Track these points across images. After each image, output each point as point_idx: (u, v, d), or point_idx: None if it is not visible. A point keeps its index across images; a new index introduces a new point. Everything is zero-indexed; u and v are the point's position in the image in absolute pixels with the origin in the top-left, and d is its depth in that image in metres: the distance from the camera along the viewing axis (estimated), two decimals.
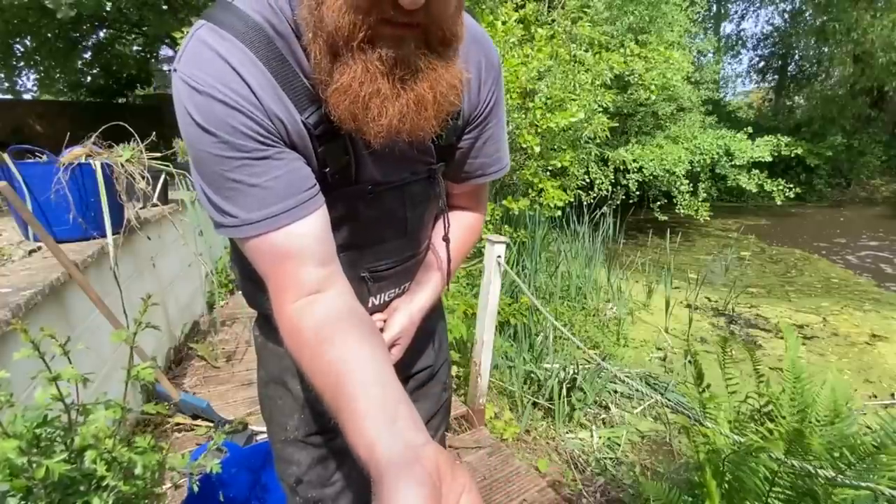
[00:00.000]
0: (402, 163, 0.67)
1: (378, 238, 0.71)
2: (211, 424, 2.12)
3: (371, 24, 0.46)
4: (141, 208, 2.57)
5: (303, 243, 0.56)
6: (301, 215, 0.56)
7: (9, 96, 10.07)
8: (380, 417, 0.44)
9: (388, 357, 0.54)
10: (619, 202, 6.81)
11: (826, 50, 13.66)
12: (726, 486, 1.11)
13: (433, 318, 0.90)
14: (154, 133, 2.03)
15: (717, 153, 7.95)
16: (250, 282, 0.76)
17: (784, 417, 1.18)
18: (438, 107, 0.52)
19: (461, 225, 0.83)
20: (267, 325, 0.81)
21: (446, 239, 0.78)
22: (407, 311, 0.77)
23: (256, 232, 0.55)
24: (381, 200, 0.67)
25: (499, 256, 2.09)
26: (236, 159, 0.53)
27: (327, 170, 0.61)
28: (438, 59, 0.51)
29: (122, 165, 1.87)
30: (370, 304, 0.75)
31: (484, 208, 0.88)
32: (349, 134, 0.59)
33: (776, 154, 8.70)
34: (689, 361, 3.27)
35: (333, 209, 0.62)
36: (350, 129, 0.52)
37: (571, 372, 2.70)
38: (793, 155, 9.19)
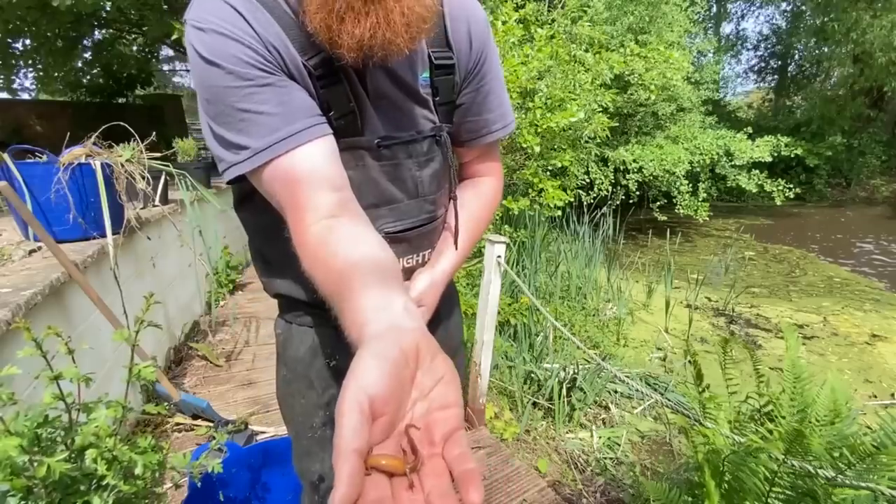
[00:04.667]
0: (405, 117, 0.70)
1: (390, 196, 0.72)
2: (211, 424, 2.12)
3: None
4: (141, 208, 2.57)
5: (313, 166, 0.59)
6: (307, 139, 0.59)
7: (8, 96, 10.06)
8: (372, 305, 0.45)
9: (396, 264, 0.55)
10: (619, 202, 6.82)
11: (826, 50, 13.64)
12: (726, 486, 1.11)
13: (442, 318, 0.90)
14: (154, 133, 2.03)
15: (717, 153, 7.94)
16: (266, 264, 0.79)
17: (784, 417, 1.18)
18: (408, 22, 0.55)
19: (479, 192, 0.85)
20: (289, 306, 0.82)
21: (453, 197, 0.80)
22: (428, 275, 0.78)
23: (268, 157, 0.58)
24: (390, 156, 0.70)
25: (499, 256, 2.09)
26: (242, 88, 0.56)
27: (331, 114, 0.63)
28: None
29: (122, 165, 1.87)
30: None
31: (499, 172, 0.89)
32: (350, 82, 0.63)
33: (776, 154, 8.69)
34: (689, 362, 3.27)
35: (345, 162, 0.64)
36: (325, 41, 0.56)
37: (571, 372, 2.69)
38: (793, 155, 9.19)
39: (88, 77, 10.91)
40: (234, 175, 0.60)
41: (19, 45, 8.76)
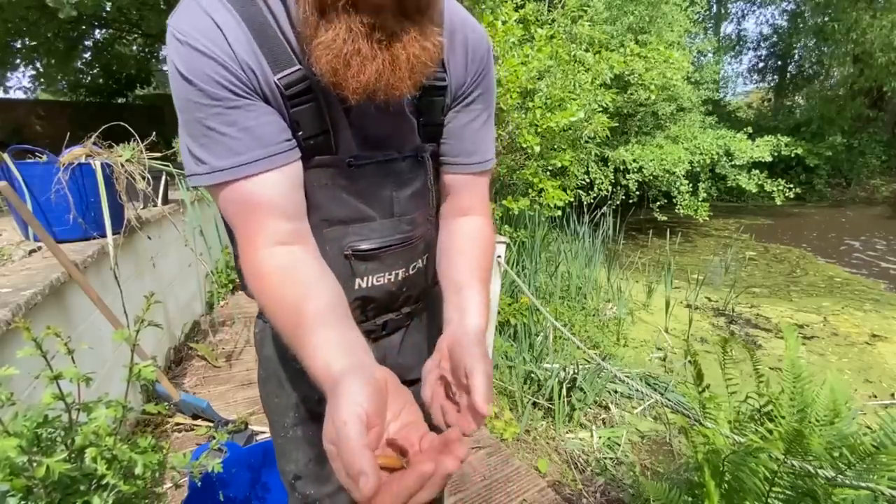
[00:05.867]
0: (386, 137, 0.69)
1: (362, 215, 0.71)
2: (211, 424, 2.12)
3: None
4: (141, 208, 2.57)
5: (270, 194, 0.59)
6: (268, 167, 0.59)
7: (9, 96, 10.07)
8: (335, 346, 0.51)
9: (343, 297, 0.59)
10: (619, 202, 6.82)
11: (826, 50, 13.64)
12: (726, 486, 1.11)
13: (430, 327, 0.89)
14: (154, 133, 2.03)
15: (717, 153, 7.95)
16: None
17: (784, 417, 1.18)
18: (412, 68, 0.56)
19: (467, 235, 0.78)
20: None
21: (432, 217, 0.79)
22: (480, 367, 0.59)
23: (224, 179, 0.58)
24: (363, 175, 0.68)
25: (499, 256, 2.10)
26: (211, 107, 0.56)
27: (300, 133, 0.62)
28: (413, 24, 0.55)
29: (122, 165, 1.87)
30: (356, 286, 0.74)
31: (488, 210, 0.83)
32: (327, 101, 0.62)
33: (776, 154, 8.70)
34: (689, 362, 3.27)
35: (314, 179, 0.65)
36: (330, 82, 0.56)
37: (571, 372, 2.69)
38: (793, 155, 9.19)
39: (88, 77, 10.91)
40: (194, 184, 0.61)
41: (18, 45, 8.75)
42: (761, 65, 16.97)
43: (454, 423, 0.57)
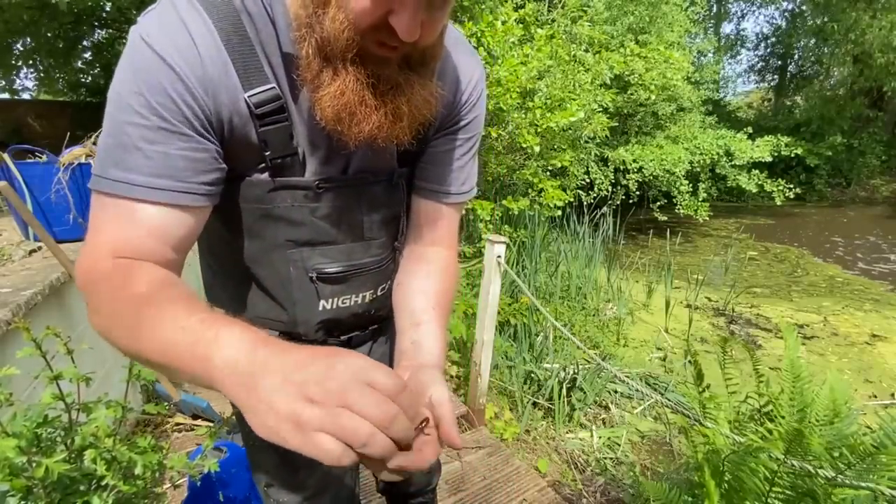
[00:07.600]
0: (360, 161, 0.67)
1: (329, 237, 0.69)
2: (211, 424, 2.12)
3: (365, 43, 0.50)
4: None
5: (151, 225, 0.54)
6: (159, 199, 0.53)
7: (9, 96, 10.07)
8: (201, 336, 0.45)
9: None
10: (619, 202, 6.82)
11: (826, 50, 13.65)
12: (726, 486, 1.11)
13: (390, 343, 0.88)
14: None
15: (717, 153, 7.95)
16: (209, 270, 0.79)
17: (784, 417, 1.18)
18: (412, 118, 0.57)
19: (429, 271, 0.75)
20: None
21: (400, 245, 0.78)
22: (446, 395, 0.54)
23: (108, 189, 0.53)
24: (333, 198, 0.67)
25: (499, 256, 2.09)
26: (142, 117, 0.52)
27: (268, 153, 0.61)
28: (416, 76, 0.56)
29: None
30: (321, 307, 0.73)
31: (453, 244, 0.80)
32: (309, 122, 0.60)
33: (776, 154, 8.70)
34: (689, 362, 3.27)
35: (280, 199, 0.64)
36: (331, 128, 0.55)
37: (571, 372, 2.69)
38: (793, 155, 9.20)
39: (88, 77, 10.92)
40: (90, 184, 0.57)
41: (20, 46, 8.75)
42: (761, 65, 16.99)
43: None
